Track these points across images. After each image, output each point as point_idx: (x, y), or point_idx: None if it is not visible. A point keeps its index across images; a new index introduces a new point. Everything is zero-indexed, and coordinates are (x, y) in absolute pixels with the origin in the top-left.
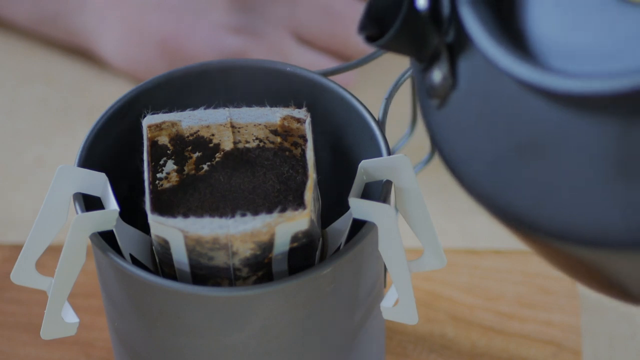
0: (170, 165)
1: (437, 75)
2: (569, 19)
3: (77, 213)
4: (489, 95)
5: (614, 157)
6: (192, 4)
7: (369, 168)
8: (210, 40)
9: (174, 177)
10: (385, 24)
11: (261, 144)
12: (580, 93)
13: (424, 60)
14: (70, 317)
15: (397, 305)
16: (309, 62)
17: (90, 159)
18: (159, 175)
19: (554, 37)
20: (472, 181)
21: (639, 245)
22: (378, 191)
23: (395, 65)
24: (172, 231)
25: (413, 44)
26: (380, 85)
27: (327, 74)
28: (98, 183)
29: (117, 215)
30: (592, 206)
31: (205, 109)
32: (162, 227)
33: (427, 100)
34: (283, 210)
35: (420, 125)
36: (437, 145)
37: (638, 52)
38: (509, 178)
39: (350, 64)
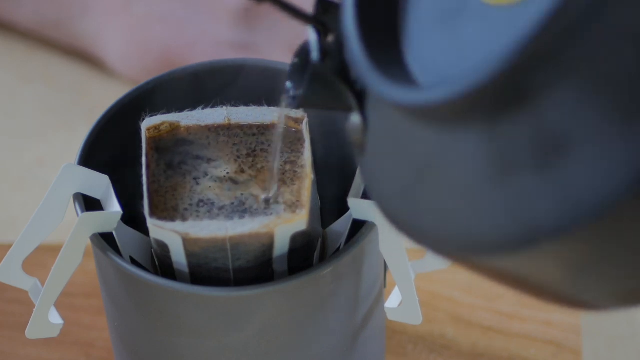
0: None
1: (352, 123)
2: (440, 33)
3: (77, 213)
4: (385, 130)
5: (486, 162)
6: (197, 18)
7: None
8: (211, 56)
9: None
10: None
11: None
12: (415, 104)
13: (342, 113)
14: (55, 318)
15: (400, 305)
16: None
17: (90, 159)
18: (158, 177)
19: (430, 56)
20: (394, 216)
21: (533, 241)
22: None
23: None
24: (171, 234)
25: (327, 99)
26: None
27: None
28: (100, 185)
29: (119, 217)
30: (483, 212)
31: (203, 108)
32: (161, 230)
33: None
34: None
35: None
36: (368, 191)
37: (476, 55)
38: (417, 205)
39: None
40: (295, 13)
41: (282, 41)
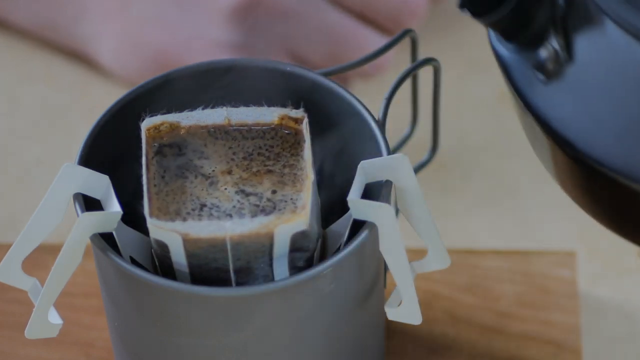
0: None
1: (548, 50)
2: None
3: (77, 213)
4: (618, 64)
5: None
6: (191, 19)
7: (368, 168)
8: (205, 57)
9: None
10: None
11: None
12: None
13: (526, 39)
14: (55, 318)
15: (400, 305)
16: None
17: (90, 159)
18: (157, 177)
19: None
20: (599, 152)
21: None
22: (378, 191)
23: (396, 64)
24: (171, 235)
25: (523, 20)
26: (380, 85)
27: (327, 74)
28: (100, 185)
29: (119, 217)
30: None
31: (203, 109)
32: (161, 230)
33: (531, 75)
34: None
35: (420, 125)
36: (544, 120)
37: None
38: None
39: (350, 63)
40: None
41: (277, 42)
